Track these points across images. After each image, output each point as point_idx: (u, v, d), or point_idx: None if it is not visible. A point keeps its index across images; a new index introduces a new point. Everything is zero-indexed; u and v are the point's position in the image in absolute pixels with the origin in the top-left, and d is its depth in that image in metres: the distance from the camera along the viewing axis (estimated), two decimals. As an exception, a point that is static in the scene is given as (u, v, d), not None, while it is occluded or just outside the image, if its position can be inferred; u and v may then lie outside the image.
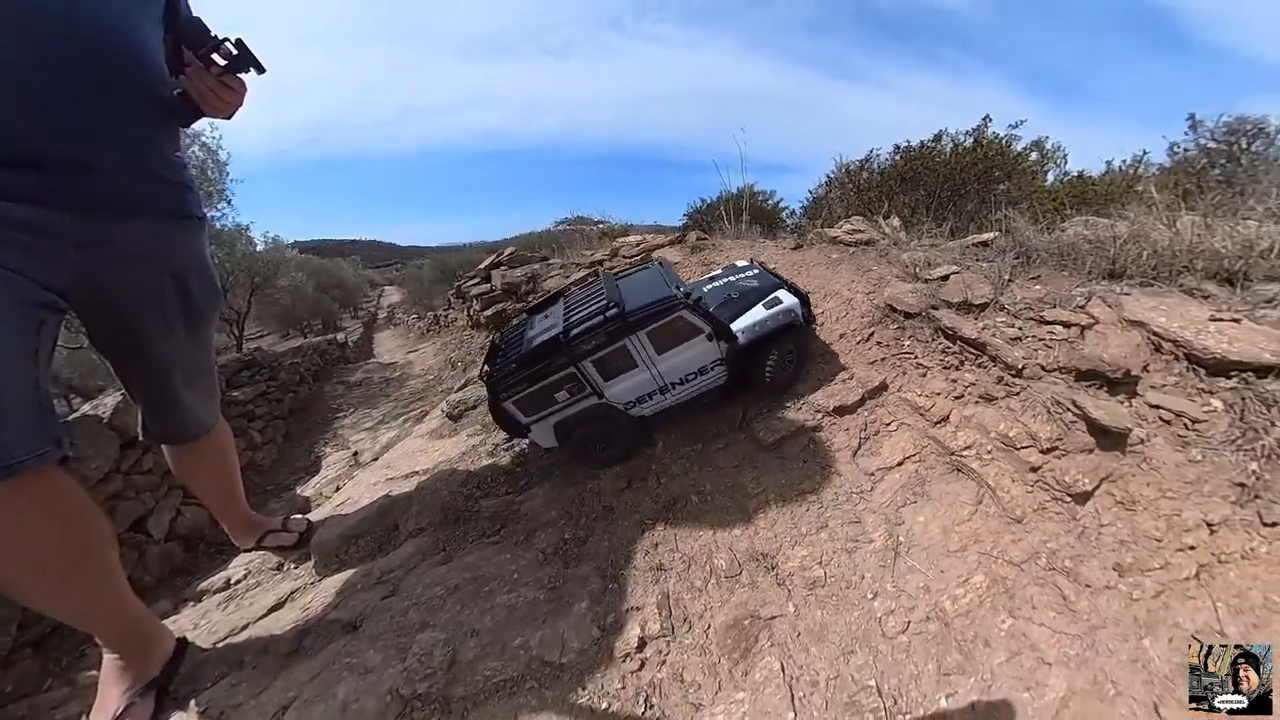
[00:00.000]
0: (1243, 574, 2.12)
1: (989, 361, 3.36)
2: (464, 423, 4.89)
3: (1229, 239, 3.31)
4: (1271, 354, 2.57)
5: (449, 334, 14.96)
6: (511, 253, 10.10)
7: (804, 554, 3.05)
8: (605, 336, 2.99)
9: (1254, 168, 6.23)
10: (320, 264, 33.18)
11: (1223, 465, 2.37)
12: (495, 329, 8.65)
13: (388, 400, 10.77)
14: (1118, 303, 3.21)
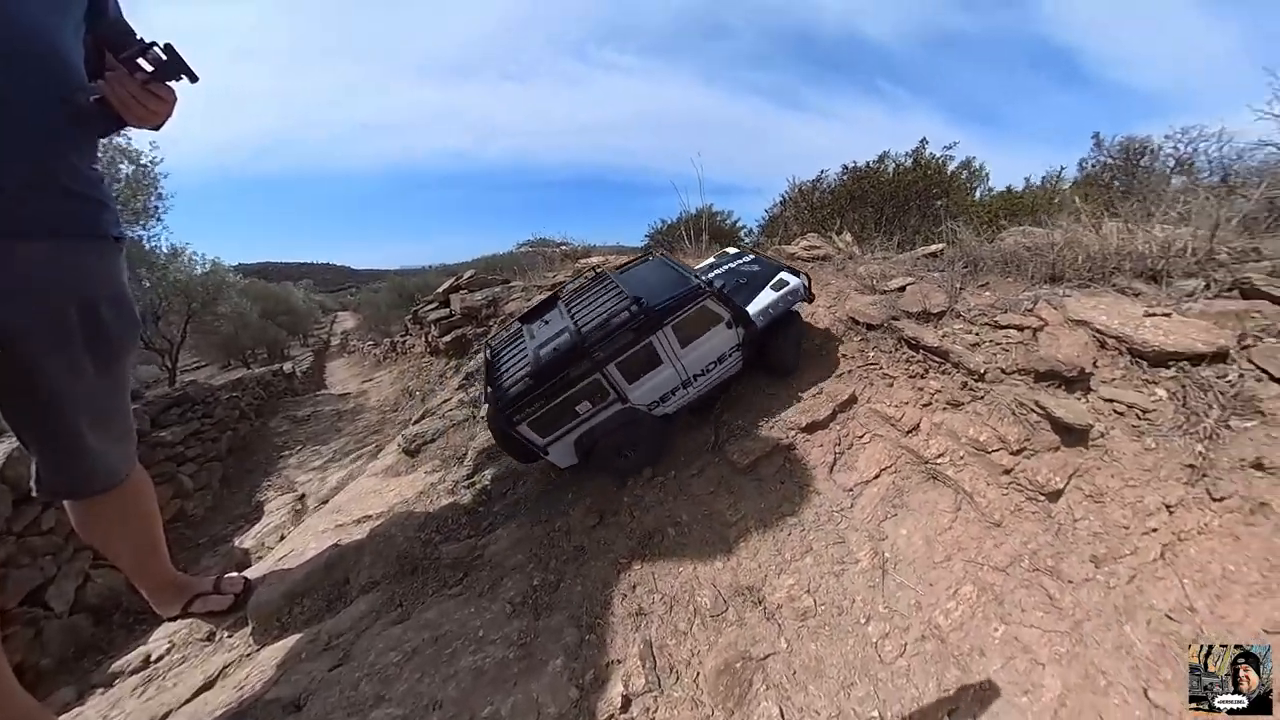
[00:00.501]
0: (1201, 549, 2.21)
1: (952, 368, 3.49)
2: (422, 458, 4.67)
3: (1149, 242, 3.62)
4: (1203, 343, 2.77)
5: (406, 361, 14.42)
6: (471, 275, 9.91)
7: (791, 582, 2.98)
8: (631, 335, 2.83)
9: (1146, 180, 7.24)
10: (266, 288, 31.62)
11: (1173, 450, 2.51)
12: (455, 355, 8.44)
13: (339, 435, 10.09)
14: (1061, 304, 3.42)
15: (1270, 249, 3.38)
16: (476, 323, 8.41)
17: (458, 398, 5.68)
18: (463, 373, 6.48)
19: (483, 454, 4.08)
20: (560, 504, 3.51)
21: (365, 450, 7.83)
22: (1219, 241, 3.45)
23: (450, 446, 4.66)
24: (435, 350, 9.72)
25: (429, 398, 7.63)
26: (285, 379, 15.64)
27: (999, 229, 5.09)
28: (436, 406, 5.73)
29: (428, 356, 10.93)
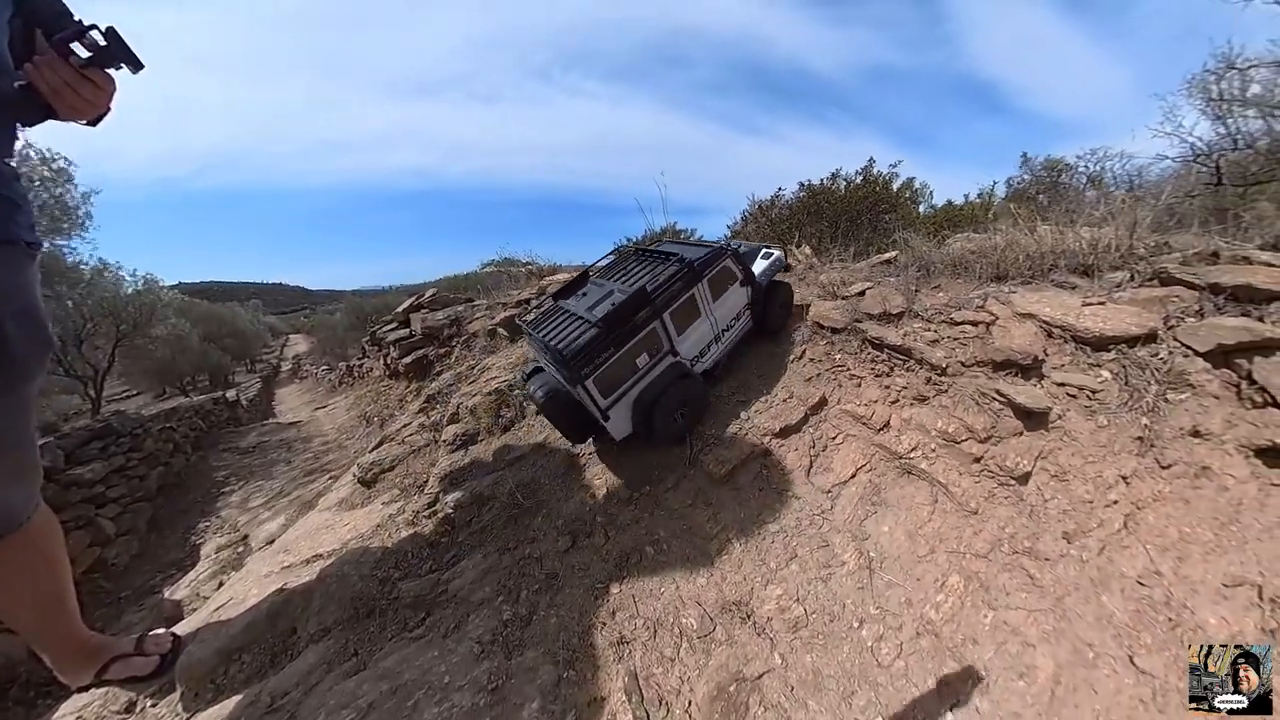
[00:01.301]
0: (1158, 515, 2.38)
1: (915, 365, 3.67)
2: (379, 488, 4.47)
3: (1079, 241, 4.02)
4: (1136, 327, 3.06)
5: (364, 385, 13.68)
6: (433, 295, 9.68)
7: (779, 593, 2.96)
8: (681, 284, 3.30)
9: (1065, 193, 8.44)
10: (210, 309, 29.42)
11: (1122, 425, 2.72)
12: (415, 378, 8.15)
13: (288, 468, 9.44)
14: (1009, 300, 3.70)
15: (1179, 243, 3.83)
16: (438, 343, 8.16)
17: (418, 422, 5.50)
18: (424, 395, 6.22)
19: (446, 480, 3.93)
20: (529, 529, 3.38)
21: (317, 483, 7.27)
22: (1137, 239, 3.87)
23: (410, 474, 4.50)
24: (395, 373, 9.35)
25: (387, 423, 7.27)
26: (228, 407, 14.51)
27: (943, 239, 5.54)
28: (395, 432, 5.52)
29: (386, 380, 10.46)
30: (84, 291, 11.95)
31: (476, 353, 6.88)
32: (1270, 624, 1.96)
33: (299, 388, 24.05)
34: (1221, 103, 7.23)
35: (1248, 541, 2.17)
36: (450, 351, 7.64)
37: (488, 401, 4.56)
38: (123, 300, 13.99)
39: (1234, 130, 7.29)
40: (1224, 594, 2.08)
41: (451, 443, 4.35)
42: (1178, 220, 4.55)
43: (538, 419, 4.38)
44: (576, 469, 3.79)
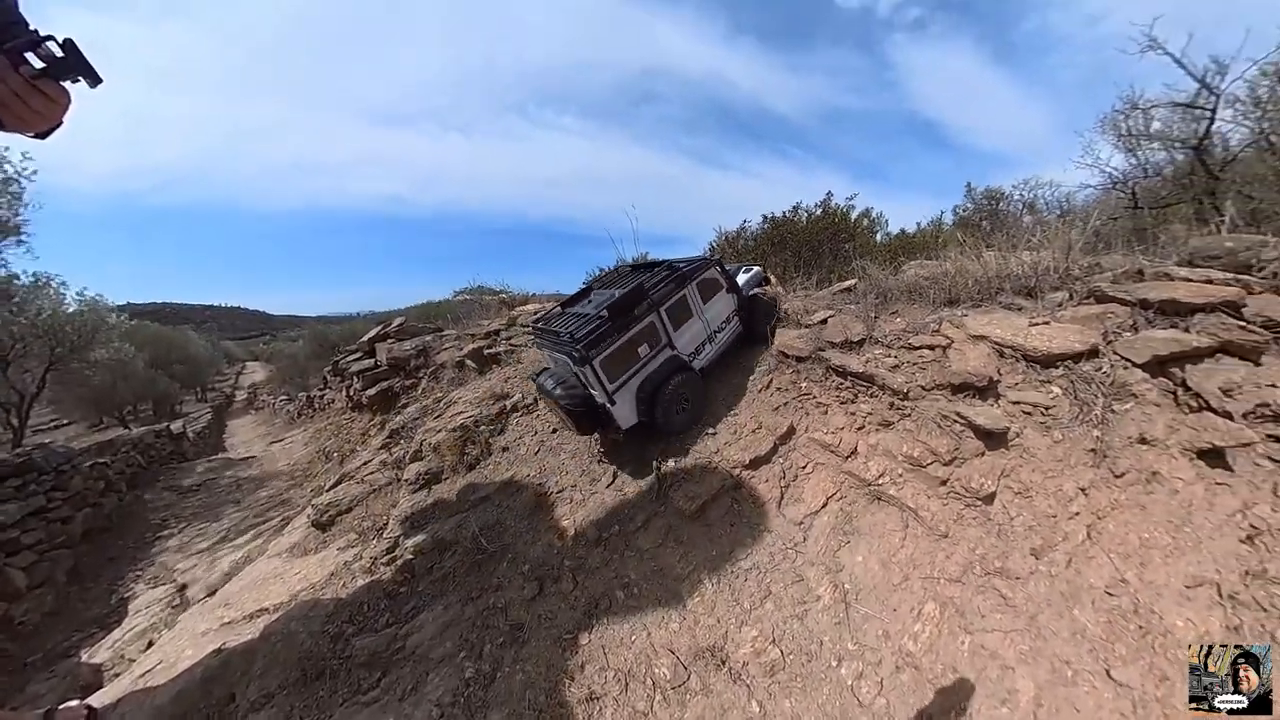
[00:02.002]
0: (1118, 523, 2.44)
1: (878, 390, 3.75)
2: (335, 531, 4.24)
3: (1021, 264, 4.26)
4: (1079, 343, 3.22)
5: (324, 418, 12.90)
6: (401, 324, 9.51)
7: (754, 634, 2.87)
8: (673, 284, 3.80)
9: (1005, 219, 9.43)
10: (159, 332, 27.28)
11: (1076, 439, 2.81)
12: (379, 410, 7.88)
13: (236, 508, 8.64)
14: (961, 323, 3.86)
15: (1108, 263, 4.10)
16: (404, 374, 7.93)
17: (380, 459, 5.33)
18: (387, 429, 6.01)
19: (407, 522, 3.77)
20: (494, 575, 3.22)
21: (268, 525, 6.67)
22: (1072, 260, 4.13)
23: (369, 515, 4.33)
24: (357, 405, 8.99)
25: (348, 459, 6.91)
26: (172, 440, 13.21)
27: (899, 265, 5.81)
28: (356, 470, 5.32)
29: (348, 412, 9.98)
30: (15, 308, 10.82)
31: (444, 385, 6.73)
32: (1233, 621, 1.99)
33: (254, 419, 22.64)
34: (1130, 137, 8.22)
35: (1202, 541, 2.23)
36: (416, 383, 7.48)
37: (453, 438, 4.45)
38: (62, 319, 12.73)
39: (1143, 160, 8.27)
40: (1187, 595, 2.11)
41: (414, 482, 4.21)
42: (1105, 242, 4.90)
43: (504, 456, 4.29)
44: (544, 508, 3.68)
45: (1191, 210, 6.70)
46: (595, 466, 3.92)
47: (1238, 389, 2.72)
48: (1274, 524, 2.13)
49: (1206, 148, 7.32)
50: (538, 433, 4.47)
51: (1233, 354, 2.91)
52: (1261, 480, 2.30)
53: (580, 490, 3.72)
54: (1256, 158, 6.78)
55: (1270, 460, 2.35)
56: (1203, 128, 7.27)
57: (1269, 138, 6.64)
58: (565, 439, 4.31)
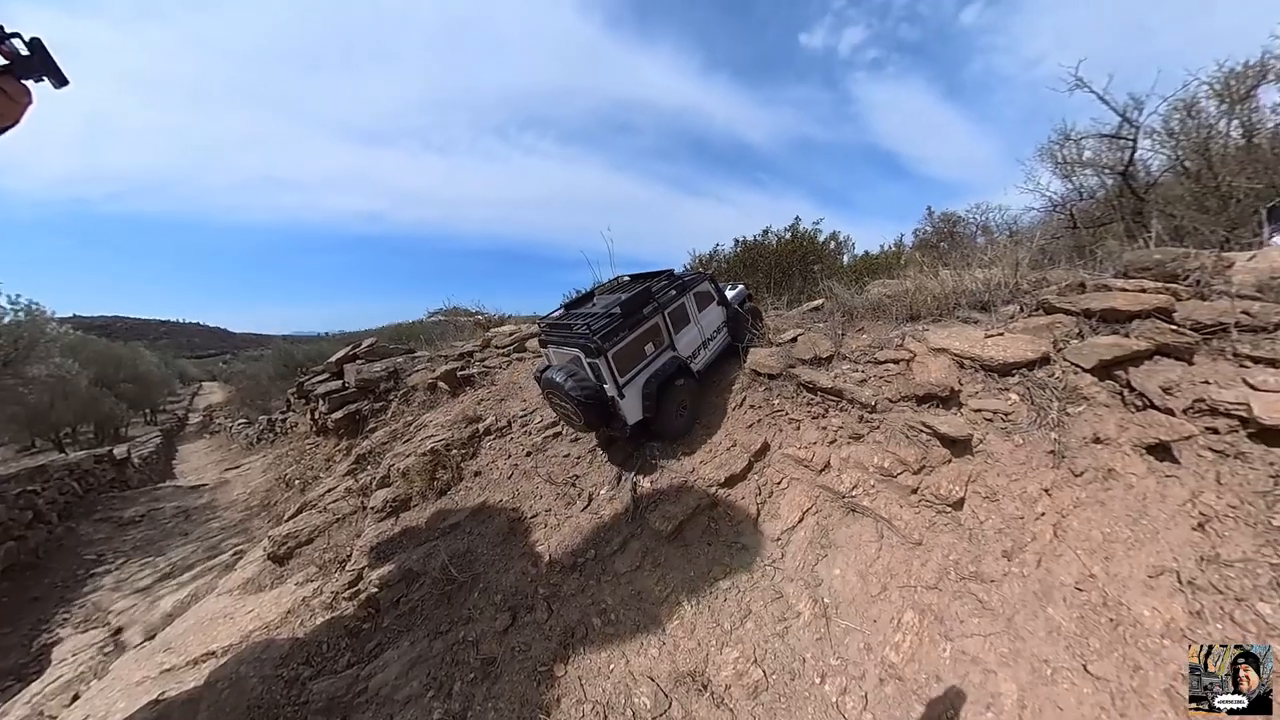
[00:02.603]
0: (1081, 521, 2.53)
1: (848, 404, 3.85)
2: (294, 564, 3.99)
3: (975, 281, 4.51)
4: (1032, 352, 3.41)
5: (286, 443, 12.11)
6: (371, 344, 9.14)
7: (735, 655, 2.82)
8: (675, 291, 4.21)
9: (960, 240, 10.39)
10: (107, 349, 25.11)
11: (1036, 441, 2.94)
12: (346, 435, 7.51)
13: (183, 541, 7.94)
14: (923, 337, 4.03)
15: (1053, 277, 4.39)
16: (374, 397, 7.61)
17: (345, 486, 5.07)
18: (353, 455, 5.74)
19: (372, 553, 3.60)
20: (464, 607, 3.08)
21: (219, 560, 6.15)
22: (1020, 276, 4.40)
23: (332, 547, 4.11)
24: (322, 429, 8.55)
25: (310, 487, 6.49)
26: (114, 467, 12.02)
27: (864, 285, 6.09)
28: (318, 498, 5.03)
29: (313, 437, 9.44)
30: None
31: (414, 408, 6.51)
32: (1194, 606, 2.08)
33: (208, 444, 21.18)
34: (1066, 165, 9.25)
35: (1159, 532, 2.33)
36: (386, 406, 7.21)
37: (423, 463, 4.30)
38: (-1, 331, 11.63)
39: (1079, 185, 9.29)
40: (1150, 585, 2.20)
41: (380, 510, 4.05)
42: (1049, 258, 5.29)
43: (475, 481, 4.18)
44: (517, 534, 3.57)
45: (1123, 228, 7.38)
46: (570, 490, 3.85)
47: (1176, 387, 2.92)
48: (1220, 510, 2.26)
49: (1131, 173, 8.19)
50: (511, 456, 4.38)
51: (1169, 355, 3.13)
52: (1205, 470, 2.45)
53: (555, 514, 3.64)
54: (1175, 181, 7.64)
55: (1211, 451, 2.51)
56: (1126, 155, 8.18)
57: (1183, 163, 7.40)
58: (540, 462, 4.24)
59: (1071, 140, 8.83)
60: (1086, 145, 8.76)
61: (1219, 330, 3.10)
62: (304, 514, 4.50)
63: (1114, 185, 8.50)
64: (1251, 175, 6.28)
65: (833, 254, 9.92)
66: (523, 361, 6.80)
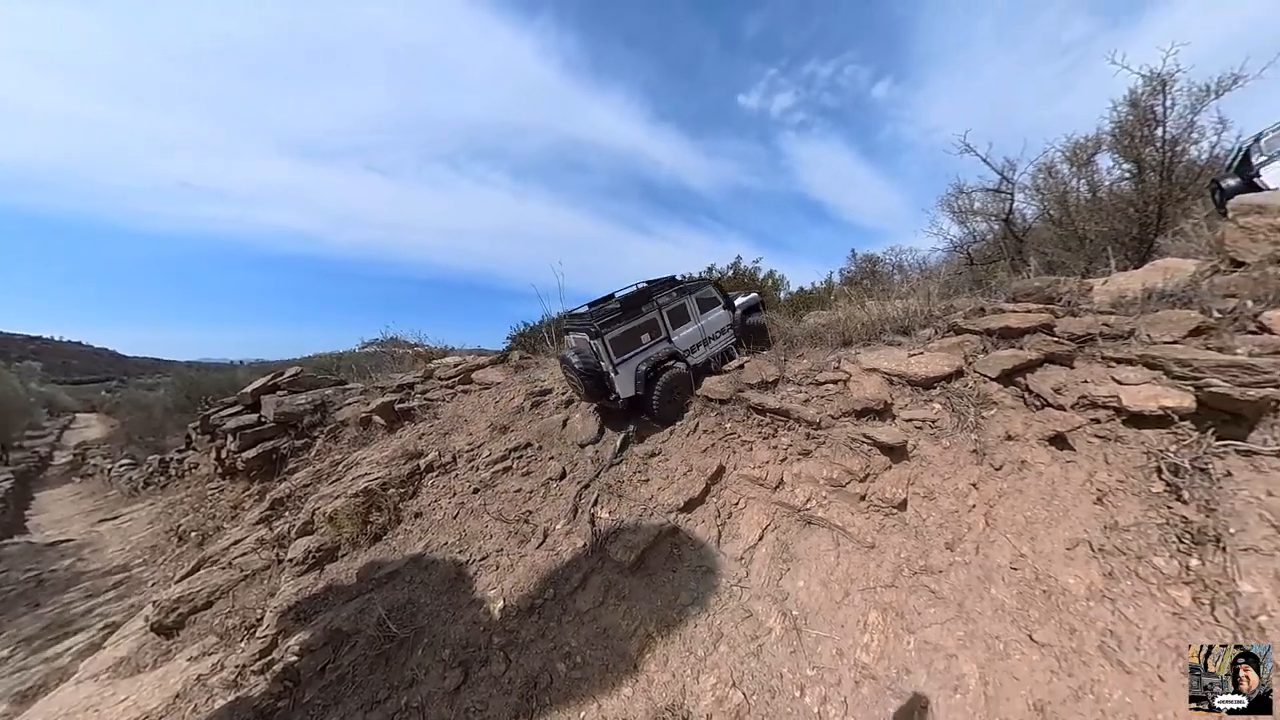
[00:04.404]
0: (1006, 508, 2.94)
1: (795, 423, 4.19)
2: (186, 635, 3.49)
3: (896, 310, 5.17)
4: (948, 367, 3.96)
5: (183, 488, 10.13)
6: (296, 374, 8.34)
7: (713, 681, 2.86)
8: (675, 294, 5.13)
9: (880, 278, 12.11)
10: None
11: (960, 443, 3.39)
12: (259, 477, 6.56)
13: (33, 614, 6.31)
14: (856, 360, 4.52)
15: (959, 304, 5.15)
16: (295, 433, 6.88)
17: (256, 536, 4.56)
18: (268, 500, 5.16)
19: (289, 614, 3.25)
20: (406, 667, 2.89)
21: (82, 636, 5.09)
22: (932, 304, 5.12)
23: (237, 610, 3.68)
24: (230, 471, 7.40)
25: (210, 539, 5.65)
26: None
27: (801, 316, 6.77)
28: (221, 552, 4.49)
29: (217, 480, 8.11)
30: None
31: (344, 445, 6.01)
32: (1106, 568, 2.48)
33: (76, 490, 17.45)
34: (960, 213, 11.40)
35: (1069, 509, 2.77)
36: (310, 443, 6.55)
37: (354, 505, 4.02)
38: None
39: (972, 230, 11.45)
40: (1070, 556, 2.59)
41: (301, 562, 3.70)
42: (954, 289, 6.21)
43: (416, 523, 3.97)
44: (466, 579, 3.43)
45: (1009, 263, 8.83)
46: (523, 526, 3.79)
47: (1064, 387, 3.53)
48: (1112, 485, 2.74)
49: (1011, 219, 9.97)
50: (456, 494, 4.22)
51: (1055, 362, 3.79)
52: (1095, 453, 2.97)
53: (507, 554, 3.55)
54: (1044, 226, 9.43)
55: (1097, 437, 3.05)
56: (1007, 206, 10.00)
57: (1049, 212, 9.15)
58: (489, 499, 4.13)
59: (964, 193, 10.91)
60: (975, 197, 10.91)
61: (1089, 339, 3.81)
62: (201, 572, 3.97)
63: (999, 229, 10.31)
64: (1098, 221, 7.90)
65: (771, 289, 10.96)
66: (469, 394, 6.59)
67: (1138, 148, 7.91)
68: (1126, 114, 8.09)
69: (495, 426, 5.30)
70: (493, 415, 5.66)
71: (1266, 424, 2.97)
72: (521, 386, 6.18)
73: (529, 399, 5.76)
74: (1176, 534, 2.69)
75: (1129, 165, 8.19)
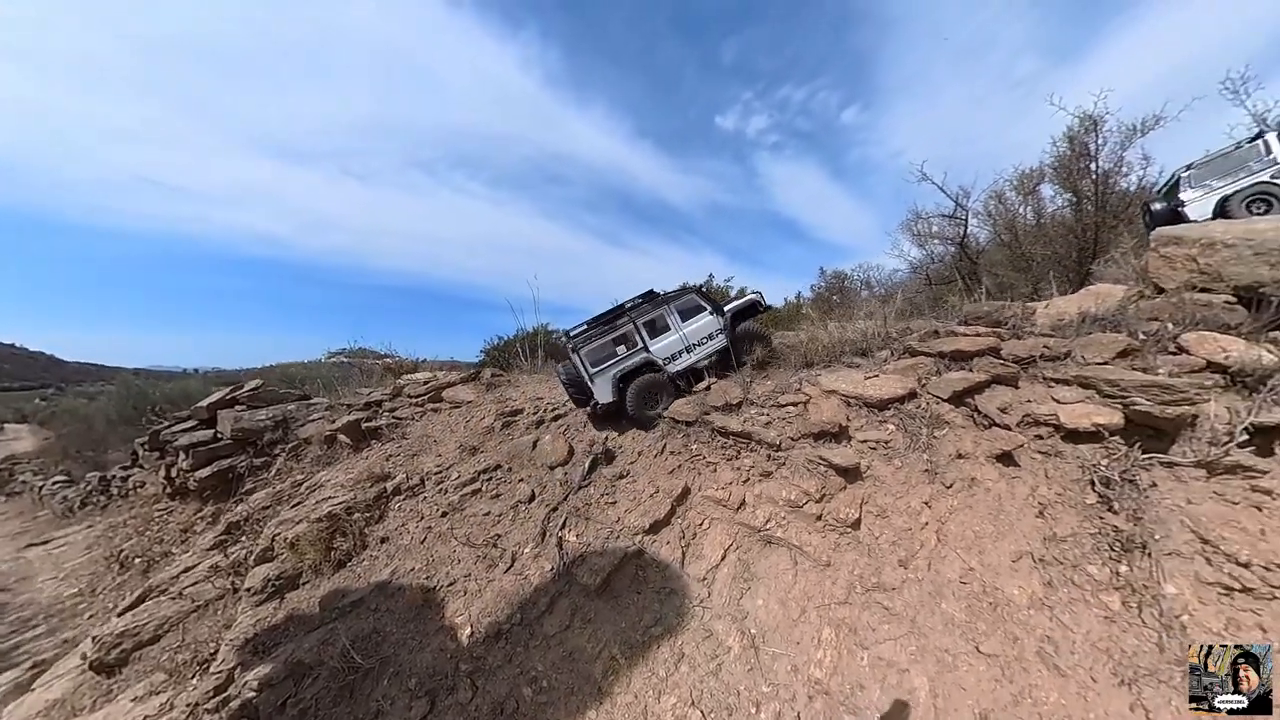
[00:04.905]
0: (956, 524, 3.09)
1: (756, 445, 4.31)
2: (131, 672, 3.32)
3: (855, 332, 5.39)
4: (902, 389, 4.15)
5: (125, 509, 9.50)
6: (257, 388, 7.91)
7: (673, 701, 2.92)
8: (651, 306, 5.33)
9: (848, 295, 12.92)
10: None
11: (912, 463, 3.55)
12: (214, 498, 6.19)
13: None
14: (816, 381, 4.69)
15: (915, 326, 5.39)
16: (255, 451, 6.55)
17: (210, 562, 4.38)
18: (223, 523, 4.96)
19: (247, 647, 3.16)
20: (371, 699, 2.86)
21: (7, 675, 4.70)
22: (890, 326, 5.36)
23: (188, 644, 3.52)
24: (181, 490, 6.98)
25: (158, 566, 5.37)
26: None
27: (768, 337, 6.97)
28: (170, 580, 4.24)
29: (165, 500, 7.67)
30: None
31: (307, 464, 5.83)
32: (1046, 577, 2.65)
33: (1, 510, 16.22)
34: (920, 236, 12.14)
35: (1014, 523, 2.94)
36: (270, 462, 6.30)
37: (317, 530, 3.92)
38: None
39: (931, 252, 12.18)
40: (1014, 568, 2.74)
41: (260, 591, 3.59)
42: (916, 309, 6.49)
43: (382, 549, 3.94)
44: (433, 605, 3.42)
45: (962, 285, 9.32)
46: (491, 551, 3.79)
47: (1010, 407, 3.74)
48: (1052, 498, 2.93)
49: (966, 243, 10.51)
50: (424, 518, 4.20)
51: (1001, 383, 4.01)
52: (1037, 468, 3.17)
53: (475, 579, 3.56)
54: (996, 249, 9.98)
55: (1039, 453, 3.25)
56: (961, 230, 10.58)
57: (1000, 236, 9.72)
58: (457, 523, 4.12)
59: (922, 219, 11.50)
60: (933, 222, 11.55)
61: (1031, 361, 4.05)
62: (148, 603, 3.76)
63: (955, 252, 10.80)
64: (1043, 245, 8.43)
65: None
66: (439, 413, 6.51)
67: (1075, 180, 8.65)
68: (1064, 149, 8.82)
69: (465, 447, 5.30)
70: (462, 436, 5.66)
71: (1185, 438, 3.21)
72: (492, 406, 6.19)
73: (499, 419, 5.77)
74: (1108, 542, 2.88)
75: (1068, 195, 8.93)
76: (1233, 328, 3.69)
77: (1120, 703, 2.34)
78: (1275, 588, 2.50)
